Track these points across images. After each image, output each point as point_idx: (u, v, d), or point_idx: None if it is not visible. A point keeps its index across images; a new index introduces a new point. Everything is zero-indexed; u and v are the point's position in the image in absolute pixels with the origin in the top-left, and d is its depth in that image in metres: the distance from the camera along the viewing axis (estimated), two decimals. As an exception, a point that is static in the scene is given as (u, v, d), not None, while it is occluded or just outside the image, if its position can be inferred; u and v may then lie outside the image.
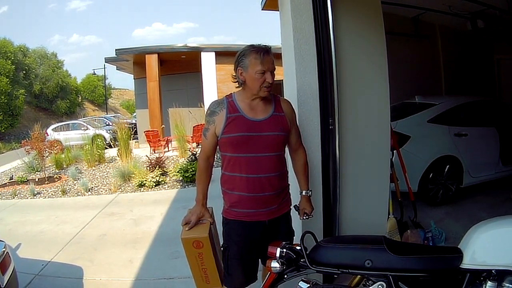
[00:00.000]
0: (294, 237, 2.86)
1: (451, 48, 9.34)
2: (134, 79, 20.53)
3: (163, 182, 9.44)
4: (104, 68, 42.20)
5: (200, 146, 11.24)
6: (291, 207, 2.90)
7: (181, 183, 9.38)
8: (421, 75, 8.90)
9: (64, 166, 11.78)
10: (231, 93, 2.74)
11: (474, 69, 9.58)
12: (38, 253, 5.17)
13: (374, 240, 2.34)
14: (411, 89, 7.44)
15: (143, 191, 9.02)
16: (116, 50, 17.45)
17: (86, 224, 6.54)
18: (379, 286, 2.18)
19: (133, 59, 18.76)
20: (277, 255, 2.33)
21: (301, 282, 2.47)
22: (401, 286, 2.21)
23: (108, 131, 19.92)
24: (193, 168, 9.11)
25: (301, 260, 2.35)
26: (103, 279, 4.48)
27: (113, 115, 30.99)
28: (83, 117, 26.68)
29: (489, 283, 2.10)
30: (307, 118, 3.40)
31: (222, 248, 2.82)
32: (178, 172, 9.55)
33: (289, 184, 2.89)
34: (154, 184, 9.20)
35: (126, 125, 12.64)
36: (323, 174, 3.45)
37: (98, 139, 14.10)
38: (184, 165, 9.69)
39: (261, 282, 2.67)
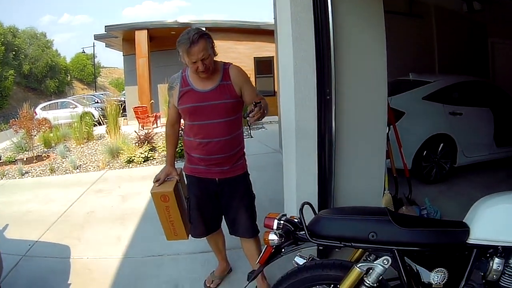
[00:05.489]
0: (288, 209, 2.82)
1: (446, 28, 9.27)
2: (123, 55, 20.44)
3: (152, 158, 9.33)
4: (94, 46, 42.06)
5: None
6: (249, 172, 3.21)
7: None
8: (415, 54, 8.83)
9: (53, 144, 11.49)
10: (185, 68, 2.99)
11: (468, 51, 9.55)
12: (25, 233, 5.03)
13: (378, 212, 2.17)
14: (404, 67, 7.32)
15: (131, 167, 8.89)
16: (105, 26, 17.58)
17: (74, 202, 6.38)
18: (384, 261, 2.02)
19: (123, 36, 18.68)
20: (274, 227, 2.14)
21: (297, 257, 2.34)
22: (407, 261, 2.08)
23: (97, 109, 19.86)
24: (181, 144, 8.93)
25: (300, 232, 2.16)
26: (90, 257, 4.36)
27: (102, 93, 30.72)
28: (72, 96, 26.38)
29: (496, 260, 2.01)
30: (303, 87, 3.38)
31: (186, 200, 3.20)
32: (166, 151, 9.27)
33: (244, 152, 3.20)
34: (143, 160, 9.08)
35: (115, 102, 12.41)
36: (318, 145, 3.45)
37: (87, 117, 13.92)
38: None
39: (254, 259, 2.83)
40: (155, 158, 9.36)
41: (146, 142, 9.95)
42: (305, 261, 2.29)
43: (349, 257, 2.39)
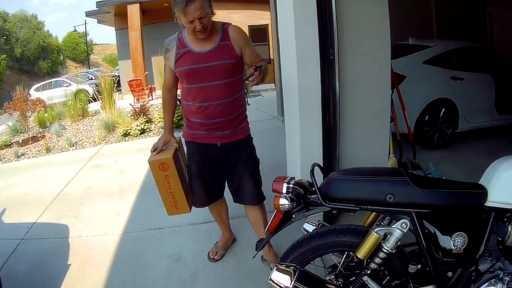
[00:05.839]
0: (291, 173, 2.73)
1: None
2: (115, 30, 20.23)
3: (148, 130, 9.22)
4: (85, 23, 41.77)
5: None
6: (252, 135, 3.12)
7: None
8: (413, 20, 8.80)
9: (48, 124, 11.32)
10: (182, 29, 2.83)
11: (466, 18, 9.52)
12: (23, 216, 4.91)
13: (394, 172, 2.00)
14: (402, 33, 7.07)
15: (128, 140, 8.76)
16: (97, 2, 17.31)
17: (71, 179, 6.25)
18: (403, 225, 1.89)
19: (115, 11, 18.43)
20: (284, 191, 1.97)
21: (306, 224, 2.24)
22: (426, 224, 1.95)
23: (91, 85, 19.47)
24: (178, 113, 8.78)
25: (312, 196, 2.00)
26: (90, 235, 4.25)
27: (95, 70, 30.40)
28: (66, 75, 26.11)
29: (513, 224, 1.90)
30: (305, 48, 3.26)
31: (186, 168, 3.07)
32: (163, 118, 9.10)
33: (246, 115, 3.07)
34: (139, 132, 8.97)
35: (109, 77, 12.21)
36: (322, 106, 3.36)
37: (81, 94, 13.73)
38: None
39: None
40: (151, 130, 9.28)
41: (142, 114, 9.83)
42: (314, 227, 2.18)
43: (362, 221, 2.28)
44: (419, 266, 1.98)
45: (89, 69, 36.44)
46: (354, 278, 2.07)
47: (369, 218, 2.24)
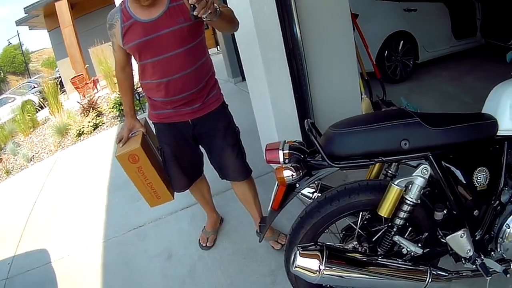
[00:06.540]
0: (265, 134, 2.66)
1: None
2: (48, 32, 19.64)
3: (101, 123, 9.01)
4: (18, 34, 40.60)
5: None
6: (226, 102, 2.79)
7: (119, 118, 8.97)
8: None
9: (2, 145, 10.85)
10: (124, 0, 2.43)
11: None
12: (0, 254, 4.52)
13: (401, 114, 1.73)
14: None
15: (83, 140, 8.48)
16: (24, 8, 17.05)
17: (37, 199, 5.82)
18: (423, 170, 1.67)
19: (43, 12, 17.91)
20: (281, 159, 1.71)
21: (303, 191, 1.93)
22: (445, 165, 1.74)
23: (36, 94, 18.89)
24: (136, 96, 8.73)
25: (314, 158, 1.75)
26: (71, 254, 3.92)
27: (36, 77, 29.56)
28: (9, 90, 25.19)
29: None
30: None
31: (159, 152, 2.77)
32: (113, 107, 9.19)
33: (215, 79, 2.70)
34: (93, 128, 8.76)
35: (50, 81, 12.06)
36: (287, 57, 3.18)
37: (28, 105, 13.37)
38: (117, 99, 9.25)
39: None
40: (104, 123, 9.08)
41: (91, 109, 9.67)
42: (313, 190, 1.95)
43: (367, 174, 2.09)
44: (445, 212, 1.78)
45: (30, 78, 35.47)
46: (382, 239, 1.86)
47: (372, 171, 2.04)
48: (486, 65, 6.19)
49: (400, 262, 1.81)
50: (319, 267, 1.64)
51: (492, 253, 1.91)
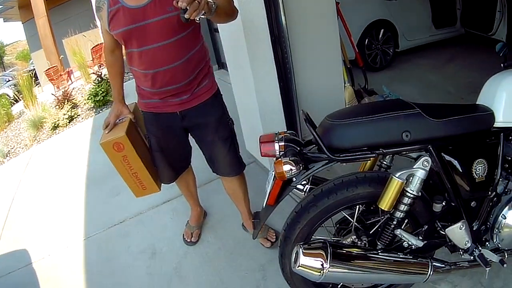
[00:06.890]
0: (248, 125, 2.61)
1: None
2: (22, 23, 19.21)
3: (76, 115, 8.85)
4: None
5: (102, 67, 11.66)
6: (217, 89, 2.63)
7: (94, 110, 8.84)
8: None
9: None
10: None
11: None
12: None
13: (400, 105, 1.71)
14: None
15: (59, 133, 8.29)
16: None
17: (13, 198, 5.62)
18: (424, 162, 1.64)
19: (18, 3, 17.50)
20: (277, 153, 1.65)
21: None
22: (445, 157, 1.73)
23: (10, 87, 18.61)
24: (102, 90, 8.70)
25: (310, 151, 1.70)
26: (52, 253, 3.78)
27: (11, 70, 28.97)
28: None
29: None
30: None
31: (147, 140, 2.69)
32: (88, 99, 9.05)
33: (209, 67, 2.55)
34: (68, 120, 8.60)
35: (25, 73, 11.82)
36: (272, 44, 3.12)
37: (2, 99, 13.10)
38: (92, 90, 9.11)
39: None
40: (79, 115, 8.91)
41: (66, 101, 9.48)
42: (305, 183, 1.87)
43: (360, 167, 2.06)
44: (444, 203, 1.76)
45: (5, 71, 34.79)
46: (381, 232, 1.82)
47: (367, 163, 2.00)
48: (466, 54, 6.23)
49: (401, 256, 1.79)
50: (323, 265, 1.58)
51: (487, 243, 1.92)
